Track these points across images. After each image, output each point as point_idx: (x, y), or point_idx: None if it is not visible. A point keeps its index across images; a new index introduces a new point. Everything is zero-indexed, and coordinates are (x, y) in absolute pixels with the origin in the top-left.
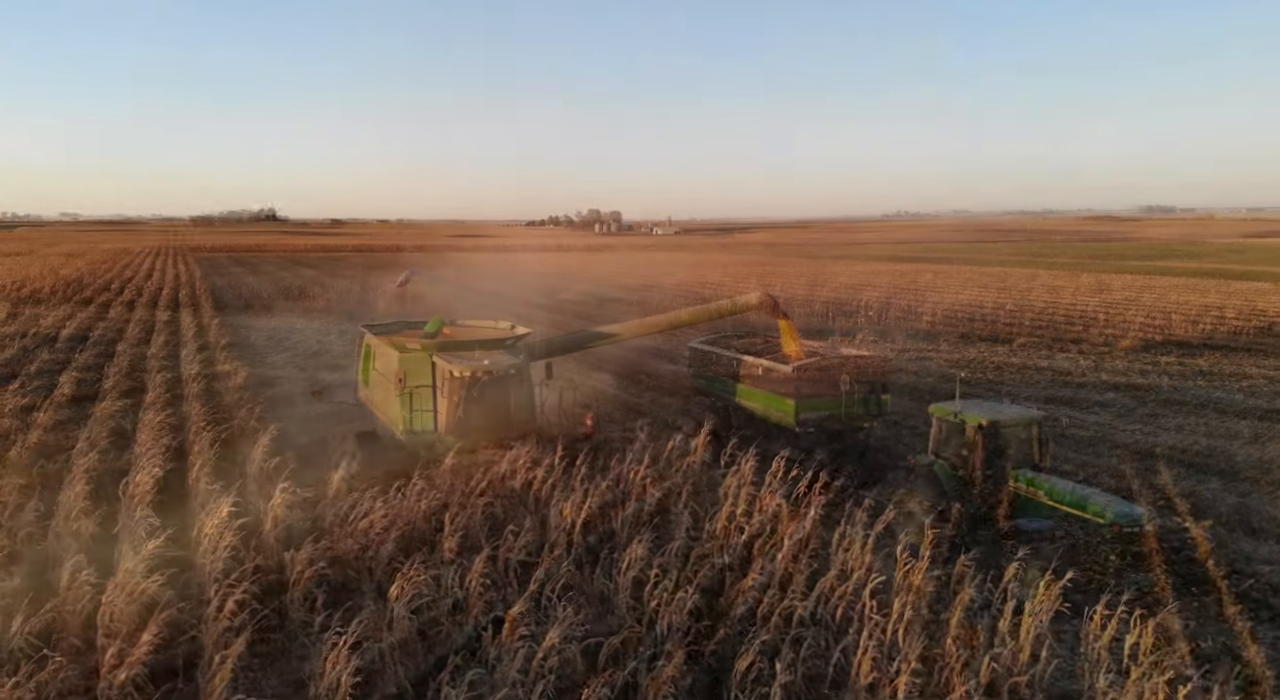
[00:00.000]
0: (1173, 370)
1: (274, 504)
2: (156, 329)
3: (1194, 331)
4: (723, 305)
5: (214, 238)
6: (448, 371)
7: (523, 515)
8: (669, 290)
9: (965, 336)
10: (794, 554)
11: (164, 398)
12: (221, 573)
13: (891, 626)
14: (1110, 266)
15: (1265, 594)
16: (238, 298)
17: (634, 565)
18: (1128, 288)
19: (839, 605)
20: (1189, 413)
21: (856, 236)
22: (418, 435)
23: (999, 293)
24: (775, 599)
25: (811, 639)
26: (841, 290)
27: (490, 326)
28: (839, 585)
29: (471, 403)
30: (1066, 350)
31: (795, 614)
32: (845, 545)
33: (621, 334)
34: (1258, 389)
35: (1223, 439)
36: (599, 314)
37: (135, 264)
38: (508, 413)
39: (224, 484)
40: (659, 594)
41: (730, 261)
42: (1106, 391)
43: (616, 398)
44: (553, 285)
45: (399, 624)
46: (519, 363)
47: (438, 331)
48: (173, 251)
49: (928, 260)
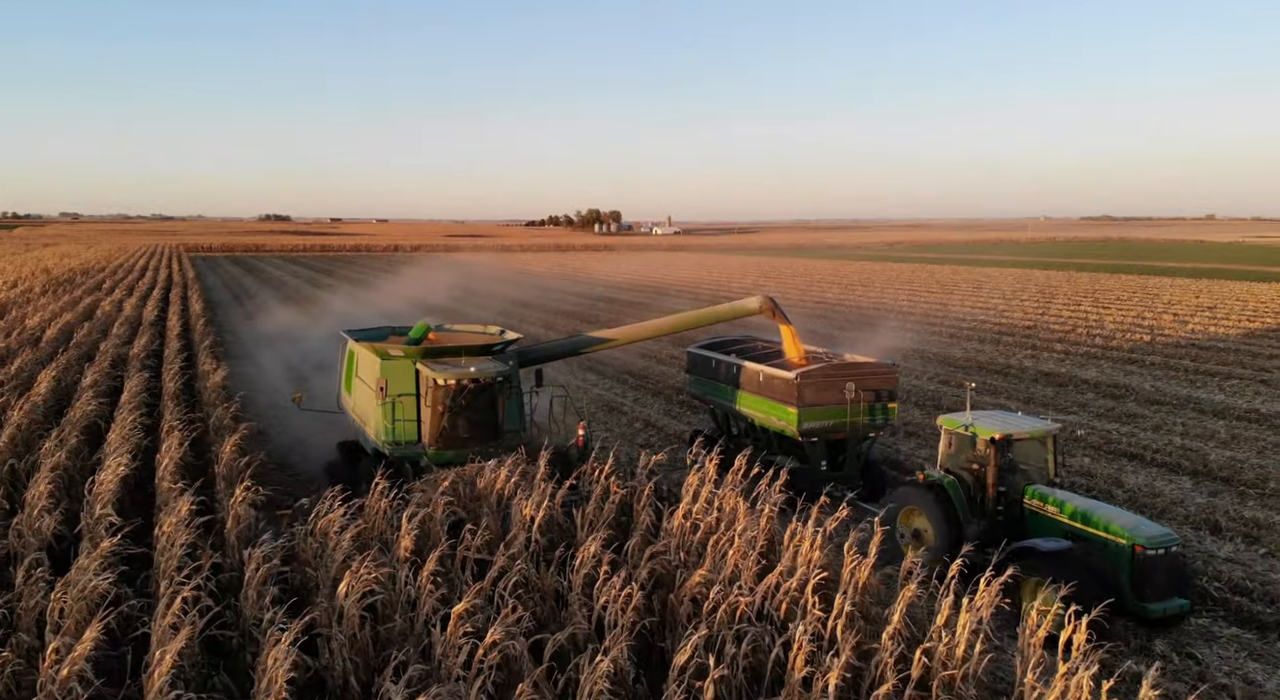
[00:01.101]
0: (1157, 370)
1: (235, 501)
2: (142, 329)
3: (1183, 331)
4: (722, 309)
5: (213, 238)
6: (432, 379)
7: (483, 514)
8: (669, 289)
9: (953, 336)
10: (744, 551)
11: (140, 397)
12: (176, 570)
13: (831, 622)
14: (1107, 267)
15: (1225, 593)
16: (230, 298)
17: (586, 563)
18: (1123, 288)
19: (783, 601)
20: (1168, 413)
21: (857, 237)
22: (401, 447)
23: (989, 293)
24: (721, 595)
25: (753, 634)
26: (839, 288)
27: (479, 332)
28: (785, 581)
29: (457, 413)
30: (1052, 350)
31: (739, 610)
32: (796, 542)
33: (617, 339)
34: (1239, 389)
35: (1198, 439)
36: (592, 314)
37: (129, 263)
38: (496, 423)
39: (187, 482)
40: (607, 591)
41: (744, 263)
42: (1086, 392)
43: (618, 406)
44: (549, 285)
45: (348, 620)
46: (507, 370)
47: (423, 337)
48: (169, 251)
49: (928, 261)
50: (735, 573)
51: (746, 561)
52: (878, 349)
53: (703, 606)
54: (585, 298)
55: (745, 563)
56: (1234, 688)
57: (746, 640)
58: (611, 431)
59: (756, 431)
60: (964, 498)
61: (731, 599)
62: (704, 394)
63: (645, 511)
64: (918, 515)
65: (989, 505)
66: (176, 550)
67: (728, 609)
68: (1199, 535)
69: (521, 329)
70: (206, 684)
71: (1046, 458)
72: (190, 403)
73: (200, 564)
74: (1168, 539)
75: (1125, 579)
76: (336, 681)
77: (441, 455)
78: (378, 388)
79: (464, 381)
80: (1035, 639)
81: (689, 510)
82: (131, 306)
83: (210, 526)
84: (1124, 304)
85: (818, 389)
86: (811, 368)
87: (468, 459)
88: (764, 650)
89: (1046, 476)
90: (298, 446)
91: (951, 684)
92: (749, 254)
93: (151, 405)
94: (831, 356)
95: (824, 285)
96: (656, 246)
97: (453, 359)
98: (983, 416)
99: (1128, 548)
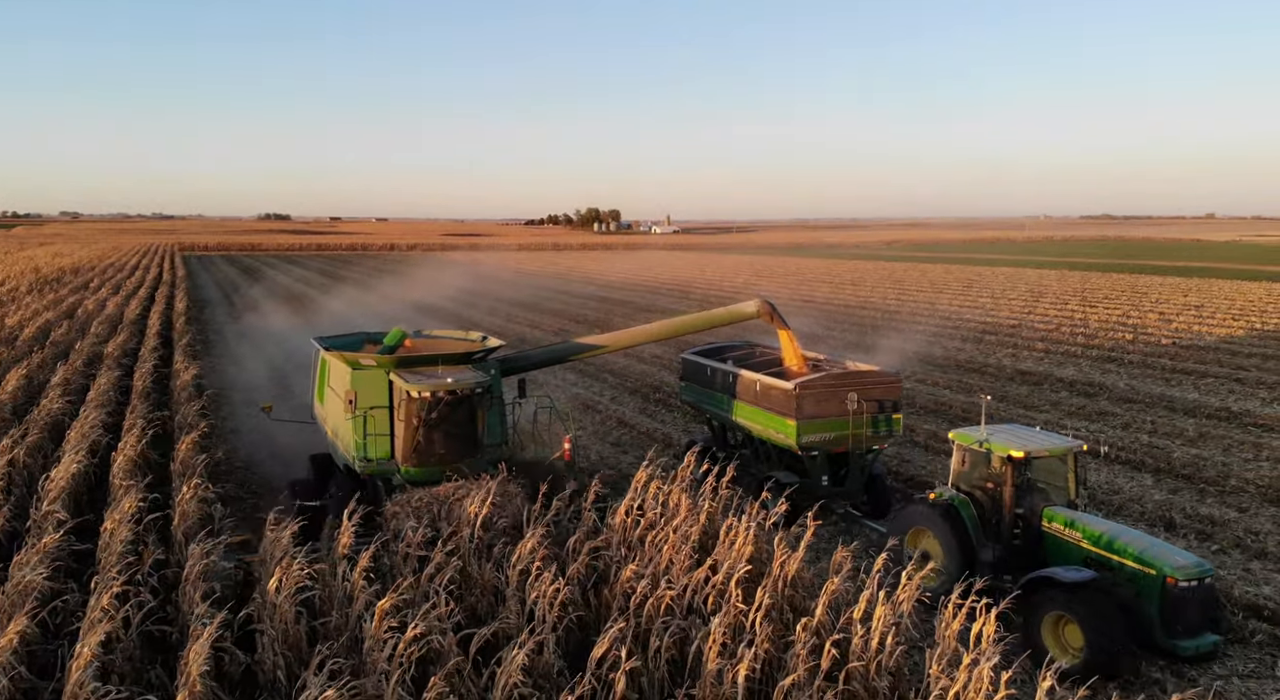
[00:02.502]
0: (1134, 369)
1: (182, 498)
2: (121, 327)
3: (1166, 330)
4: (718, 314)
5: (210, 237)
6: (405, 391)
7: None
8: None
9: (936, 334)
10: (677, 545)
11: (108, 395)
12: (115, 565)
13: (752, 614)
14: (1100, 266)
15: None
16: (221, 296)
17: (524, 558)
18: (1113, 287)
19: (710, 594)
20: (1139, 411)
21: (855, 237)
22: (372, 464)
23: (978, 292)
24: (649, 588)
25: (675, 627)
26: (829, 287)
27: (460, 338)
28: (714, 575)
29: (433, 427)
30: (1033, 349)
31: (663, 603)
32: (731, 536)
33: (607, 345)
34: (1213, 388)
35: (1165, 437)
36: (581, 313)
37: (121, 262)
38: (475, 438)
39: (143, 479)
40: (538, 586)
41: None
42: (1061, 390)
43: (594, 404)
44: (541, 284)
45: (280, 615)
46: (486, 380)
47: (398, 345)
48: (163, 250)
49: (922, 260)
50: (668, 567)
51: (679, 555)
52: (851, 346)
53: (632, 600)
54: (576, 296)
55: (678, 557)
56: (1165, 682)
57: (668, 633)
58: (585, 429)
59: (754, 443)
60: (977, 520)
61: (659, 593)
62: (699, 403)
63: (591, 508)
64: (927, 537)
65: (1005, 529)
66: (117, 546)
67: (655, 603)
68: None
69: (507, 328)
70: (142, 678)
71: (1067, 477)
72: (161, 401)
73: (141, 559)
74: (1201, 569)
75: (1154, 613)
76: (268, 676)
77: (416, 473)
78: (346, 400)
79: (439, 393)
80: (950, 631)
81: (630, 506)
82: (115, 305)
83: (158, 523)
84: (1112, 303)
85: (818, 400)
86: (811, 377)
87: (444, 477)
88: (689, 642)
89: (1067, 498)
90: (265, 443)
91: (865, 675)
92: (745, 253)
93: (121, 403)
94: (833, 364)
95: (814, 284)
96: (654, 245)
97: (428, 369)
98: (999, 431)
99: (1158, 579)
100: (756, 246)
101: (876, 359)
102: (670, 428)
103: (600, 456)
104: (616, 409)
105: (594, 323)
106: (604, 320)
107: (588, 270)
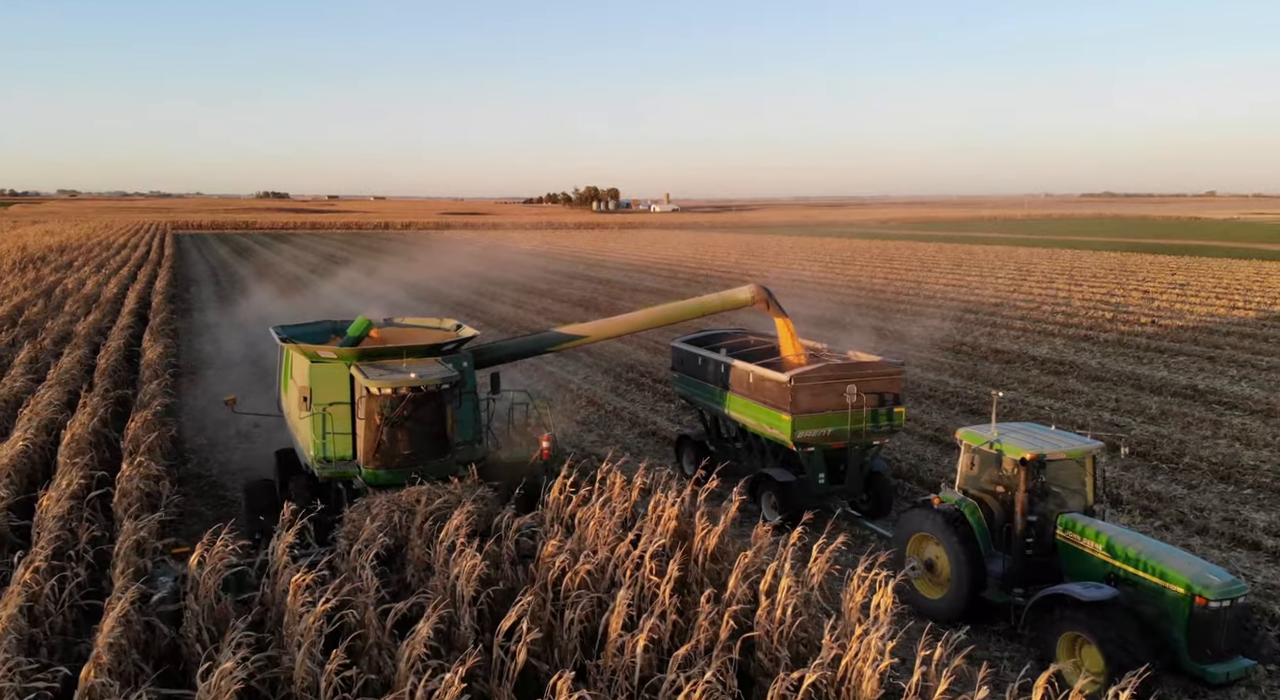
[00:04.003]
0: (1109, 347)
1: (121, 475)
2: (97, 305)
3: (1148, 309)
4: (710, 300)
5: (204, 215)
6: (364, 387)
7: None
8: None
9: (917, 313)
10: (602, 520)
11: (71, 373)
12: (48, 541)
13: (663, 587)
14: (1092, 245)
15: None
16: (209, 275)
17: (449, 535)
18: (1102, 265)
19: (629, 567)
20: (1106, 389)
21: (855, 214)
22: (331, 465)
23: (966, 271)
24: (568, 562)
25: (589, 600)
26: (818, 266)
27: (433, 326)
28: (633, 550)
29: (396, 426)
30: (1011, 328)
31: (579, 577)
32: (659, 513)
33: (589, 335)
34: (1184, 366)
35: (1127, 415)
36: (565, 292)
37: (109, 241)
38: (443, 437)
39: (91, 457)
40: (461, 561)
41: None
42: (1032, 368)
43: (565, 383)
44: (529, 262)
45: (203, 589)
46: (455, 375)
47: (363, 335)
48: (155, 229)
49: (918, 239)
50: (594, 543)
51: (604, 530)
52: (827, 323)
53: (563, 576)
54: (562, 275)
55: (603, 531)
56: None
57: (580, 606)
58: (553, 408)
59: (748, 438)
60: (986, 527)
61: (578, 566)
62: (690, 394)
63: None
64: (931, 544)
65: (1016, 538)
66: (49, 522)
67: (573, 576)
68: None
69: (490, 307)
70: (72, 651)
71: (1084, 481)
72: (126, 379)
73: (76, 535)
74: (1234, 588)
75: (1180, 634)
76: (190, 648)
77: (378, 476)
78: (301, 397)
79: (402, 390)
80: (853, 604)
81: (564, 484)
82: (94, 284)
83: (101, 500)
84: (1098, 281)
85: (814, 393)
86: (807, 369)
87: (409, 480)
88: (603, 613)
89: (1084, 503)
90: (233, 420)
91: (769, 645)
92: (740, 232)
93: (86, 381)
94: (832, 354)
95: (805, 262)
96: (651, 224)
97: (393, 362)
98: (1011, 431)
99: (1186, 598)
100: (752, 224)
101: (851, 337)
102: (638, 407)
103: (564, 433)
104: (588, 388)
105: (578, 300)
106: (588, 298)
107: (580, 248)
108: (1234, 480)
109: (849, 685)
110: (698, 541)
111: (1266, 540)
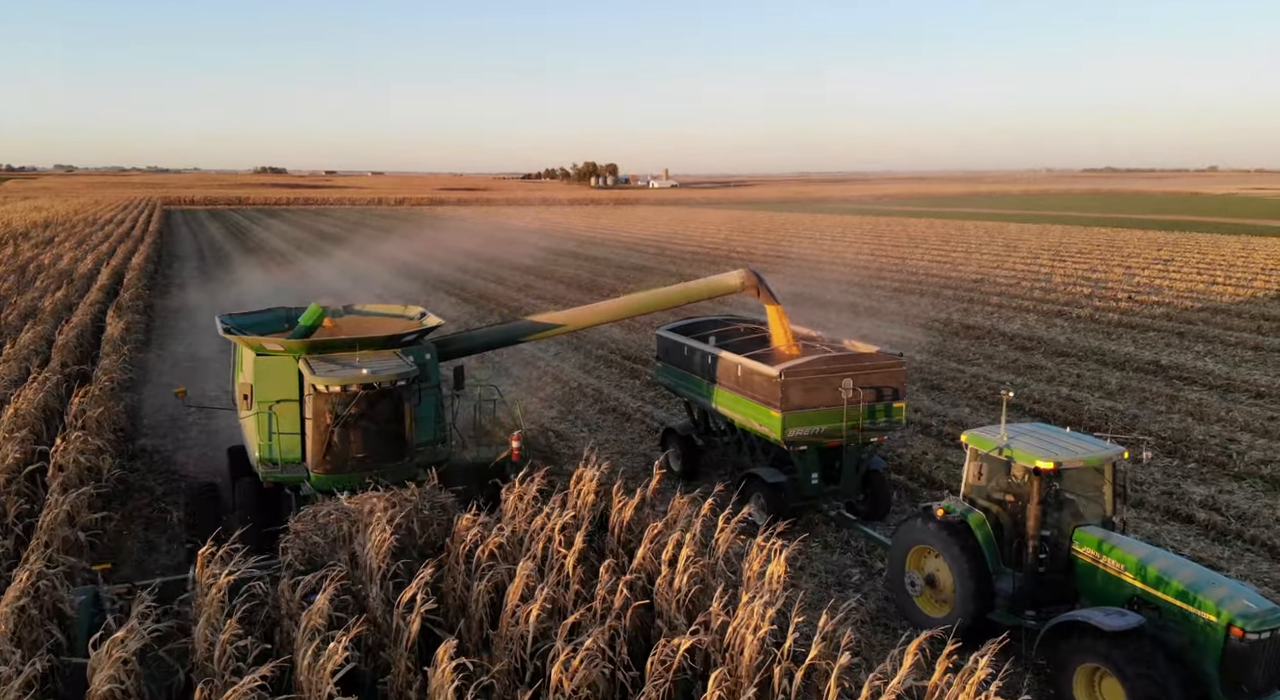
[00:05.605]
0: (1080, 323)
1: (55, 451)
2: (71, 281)
3: (1128, 285)
4: (696, 286)
5: (197, 191)
6: (311, 385)
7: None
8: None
9: (899, 290)
10: (520, 496)
11: (28, 350)
12: None
13: (570, 560)
14: (1084, 220)
15: None
16: (194, 252)
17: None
18: (1089, 241)
19: (541, 542)
20: (1070, 364)
21: (852, 190)
22: (277, 469)
23: (953, 247)
24: (479, 536)
25: (495, 572)
26: (807, 243)
27: (396, 314)
28: (548, 523)
29: (348, 426)
30: (988, 303)
31: (488, 549)
32: (579, 488)
33: (565, 324)
34: (1151, 342)
35: (1086, 390)
36: (550, 269)
37: (96, 217)
38: (401, 438)
39: (24, 432)
40: (371, 536)
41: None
42: (1000, 344)
43: (533, 360)
44: (519, 238)
45: None
46: (412, 371)
47: (315, 325)
48: (146, 204)
49: (911, 214)
50: (511, 516)
51: (522, 504)
52: (803, 300)
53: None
54: (550, 252)
55: (520, 506)
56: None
57: (486, 578)
58: (518, 384)
59: (737, 433)
60: (994, 541)
61: (489, 540)
62: (676, 385)
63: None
64: (932, 557)
65: (1028, 554)
66: None
67: (484, 549)
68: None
69: (470, 283)
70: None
71: (1103, 490)
72: (88, 355)
73: (4, 508)
74: (1275, 618)
75: (1212, 668)
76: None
77: (328, 480)
78: (241, 394)
79: (353, 387)
80: (751, 572)
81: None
82: (70, 260)
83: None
84: (1083, 257)
85: (807, 388)
86: (799, 362)
87: (364, 485)
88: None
89: (1103, 515)
90: (196, 397)
91: (666, 612)
92: (734, 208)
93: (42, 356)
94: (827, 344)
95: (794, 239)
96: (647, 199)
97: (346, 355)
98: (1022, 434)
99: (1220, 628)
100: (748, 201)
101: (825, 314)
102: (604, 383)
103: (525, 410)
104: (556, 364)
105: (561, 278)
106: (572, 275)
107: (573, 225)
108: (1180, 454)
109: (731, 651)
110: (614, 514)
111: (1200, 514)
